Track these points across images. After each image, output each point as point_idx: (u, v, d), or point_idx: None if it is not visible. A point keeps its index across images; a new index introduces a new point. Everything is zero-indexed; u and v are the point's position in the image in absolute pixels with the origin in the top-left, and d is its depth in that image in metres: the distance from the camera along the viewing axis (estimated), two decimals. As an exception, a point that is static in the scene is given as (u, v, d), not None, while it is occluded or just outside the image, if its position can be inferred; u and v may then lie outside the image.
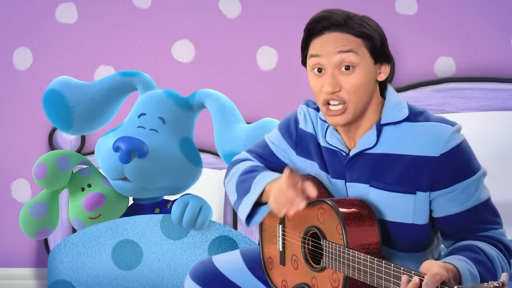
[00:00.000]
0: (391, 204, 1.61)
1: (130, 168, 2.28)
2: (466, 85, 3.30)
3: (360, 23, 1.61)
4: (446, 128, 1.58)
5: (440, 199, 1.59)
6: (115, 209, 2.41)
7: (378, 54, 1.62)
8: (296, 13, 3.44)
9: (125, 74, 2.51)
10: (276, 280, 1.84)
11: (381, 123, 1.64)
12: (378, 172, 1.63)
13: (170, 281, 2.33)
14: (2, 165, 3.49)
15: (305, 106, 1.82)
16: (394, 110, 1.64)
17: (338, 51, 1.59)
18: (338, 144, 1.69)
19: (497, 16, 3.38)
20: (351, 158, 1.66)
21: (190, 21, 3.49)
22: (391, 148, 1.62)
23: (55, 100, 2.45)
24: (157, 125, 2.40)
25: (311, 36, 1.64)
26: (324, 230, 1.64)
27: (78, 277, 2.34)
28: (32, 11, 3.50)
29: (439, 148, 1.56)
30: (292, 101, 3.47)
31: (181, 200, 2.33)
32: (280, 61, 3.46)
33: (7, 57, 3.50)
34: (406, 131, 1.61)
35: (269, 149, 1.88)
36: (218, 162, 3.41)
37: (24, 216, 2.44)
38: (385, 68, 1.65)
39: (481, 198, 1.60)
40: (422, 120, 1.61)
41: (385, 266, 1.44)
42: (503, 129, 3.11)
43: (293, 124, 1.83)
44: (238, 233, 2.35)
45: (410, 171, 1.58)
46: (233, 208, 3.43)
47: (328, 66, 1.61)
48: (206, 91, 2.49)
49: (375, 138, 1.63)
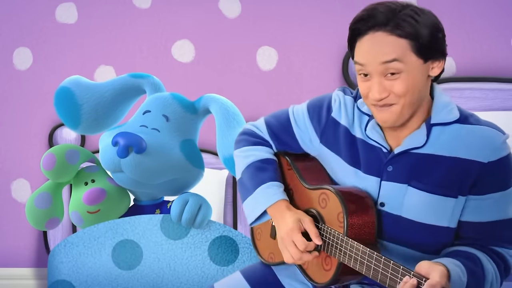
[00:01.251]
0: (430, 206, 1.57)
1: (127, 162, 2.29)
2: (466, 85, 3.30)
3: (405, 20, 1.51)
4: (498, 135, 1.55)
5: (471, 203, 1.57)
6: (115, 207, 2.41)
7: (427, 52, 1.53)
8: (296, 13, 3.44)
9: (135, 76, 2.52)
10: (263, 251, 1.85)
11: (431, 122, 1.58)
12: (420, 173, 1.57)
13: (170, 281, 2.33)
14: (2, 165, 3.49)
15: (341, 93, 1.73)
16: (444, 110, 1.58)
17: (382, 62, 1.52)
18: (379, 139, 1.62)
19: (497, 16, 3.38)
20: (394, 156, 1.60)
21: (190, 21, 3.49)
22: (439, 150, 1.57)
23: (65, 97, 2.48)
24: (160, 124, 2.41)
25: (356, 37, 1.56)
26: (324, 215, 1.64)
27: (78, 277, 2.34)
28: (32, 11, 3.50)
29: (488, 155, 1.53)
30: (292, 101, 3.47)
31: (181, 198, 2.33)
32: (280, 61, 3.46)
33: (7, 57, 3.50)
34: (456, 133, 1.56)
35: (290, 131, 1.79)
36: (218, 162, 3.41)
37: (29, 208, 2.45)
38: (439, 63, 1.57)
39: (508, 214, 1.58)
40: (474, 122, 1.57)
41: (384, 259, 1.45)
42: (503, 129, 3.11)
43: (325, 110, 1.73)
44: (238, 233, 2.35)
45: (455, 174, 1.55)
46: (233, 208, 3.44)
47: (374, 74, 1.54)
48: (212, 96, 2.48)
49: (425, 138, 1.57)
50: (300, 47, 3.44)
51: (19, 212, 3.47)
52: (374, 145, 1.63)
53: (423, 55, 1.53)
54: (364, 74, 1.56)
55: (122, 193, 2.44)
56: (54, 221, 2.48)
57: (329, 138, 1.71)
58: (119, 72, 3.48)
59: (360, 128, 1.67)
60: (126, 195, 2.46)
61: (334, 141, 1.71)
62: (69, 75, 3.47)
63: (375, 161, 1.63)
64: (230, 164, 2.38)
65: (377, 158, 1.63)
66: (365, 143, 1.65)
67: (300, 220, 1.65)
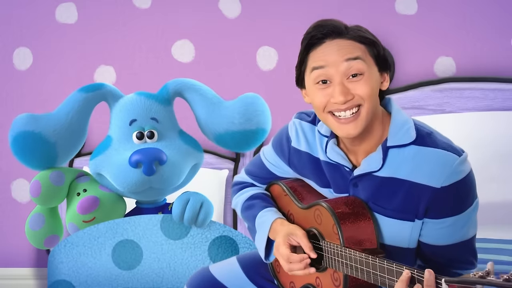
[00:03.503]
0: (389, 229, 1.59)
1: (158, 177, 2.31)
2: (466, 85, 3.30)
3: (360, 29, 1.55)
4: (453, 159, 1.51)
5: (428, 226, 1.57)
6: (110, 214, 2.40)
7: (381, 62, 1.56)
8: (296, 13, 3.44)
9: (89, 90, 2.43)
10: (284, 282, 1.85)
11: (388, 145, 1.56)
12: (379, 197, 1.58)
13: (170, 281, 2.33)
14: (2, 165, 3.49)
15: (297, 121, 1.75)
16: (400, 131, 1.56)
17: (345, 59, 1.51)
18: (340, 159, 1.63)
19: (497, 16, 3.38)
20: (355, 177, 1.61)
21: (190, 21, 3.49)
22: (395, 172, 1.56)
23: (33, 141, 2.33)
24: (154, 128, 2.41)
25: (310, 47, 1.55)
26: (322, 231, 1.65)
27: (78, 277, 2.34)
28: (32, 11, 3.50)
29: (441, 180, 1.51)
30: (292, 101, 3.47)
31: (182, 197, 2.33)
32: (280, 61, 3.46)
33: (7, 57, 3.50)
34: (411, 156, 1.54)
35: (266, 168, 1.88)
36: (218, 162, 3.42)
37: (26, 230, 2.47)
38: (386, 77, 1.58)
39: (467, 235, 1.58)
40: (430, 144, 1.54)
41: (379, 262, 1.45)
42: (503, 129, 3.11)
43: (285, 142, 1.78)
44: (238, 233, 2.35)
45: (410, 198, 1.55)
46: (233, 208, 3.44)
47: (335, 76, 1.52)
48: (177, 81, 2.49)
49: (381, 162, 1.56)
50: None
51: (19, 212, 3.47)
52: (337, 164, 1.65)
53: (378, 63, 1.55)
54: (323, 80, 1.54)
55: (116, 199, 2.44)
56: (52, 239, 2.48)
57: (297, 166, 1.77)
58: (119, 72, 3.48)
59: (322, 150, 1.68)
60: (120, 201, 2.46)
61: (302, 168, 1.75)
62: (69, 75, 3.49)
63: (341, 180, 1.65)
64: (223, 141, 2.44)
65: (342, 177, 1.65)
66: (328, 164, 1.67)
67: (292, 234, 1.67)
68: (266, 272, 1.90)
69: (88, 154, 3.39)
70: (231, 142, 2.45)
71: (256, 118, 2.43)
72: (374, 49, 1.54)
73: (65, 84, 3.44)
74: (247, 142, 2.46)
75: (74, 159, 3.39)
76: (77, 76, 3.47)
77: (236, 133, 2.42)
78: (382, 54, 1.55)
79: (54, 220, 2.49)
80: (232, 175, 3.42)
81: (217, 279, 1.87)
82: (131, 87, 2.78)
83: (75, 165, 3.38)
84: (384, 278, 1.44)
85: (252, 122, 2.42)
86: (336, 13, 3.39)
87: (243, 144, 2.47)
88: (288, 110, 3.57)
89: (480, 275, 1.22)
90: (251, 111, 2.42)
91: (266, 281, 1.89)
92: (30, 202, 3.41)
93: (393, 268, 1.42)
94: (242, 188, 1.95)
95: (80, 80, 3.33)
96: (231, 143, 2.45)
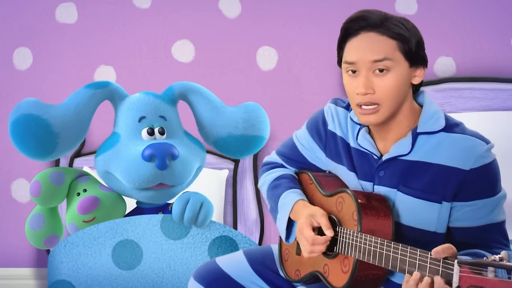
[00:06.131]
0: (417, 211, 1.63)
1: (169, 173, 2.32)
2: (466, 85, 3.30)
3: (397, 24, 1.61)
4: (481, 144, 1.60)
5: (458, 210, 1.62)
6: (110, 214, 2.40)
7: (413, 57, 1.62)
8: (296, 13, 3.44)
9: (97, 87, 2.43)
10: (290, 270, 1.88)
11: (418, 131, 1.64)
12: (407, 178, 1.64)
13: (170, 281, 2.33)
14: (2, 165, 3.49)
15: (333, 105, 1.82)
16: (431, 120, 1.64)
17: (372, 60, 1.59)
18: (369, 147, 1.70)
19: (497, 16, 3.38)
20: (383, 162, 1.67)
21: (190, 21, 3.49)
22: (424, 156, 1.63)
23: (36, 126, 2.29)
24: (162, 125, 2.43)
25: (347, 36, 1.64)
26: (340, 217, 1.68)
27: (78, 277, 2.34)
28: (32, 11, 3.50)
29: (470, 162, 1.58)
30: (292, 101, 3.47)
31: (182, 197, 2.33)
32: (280, 61, 3.46)
33: (7, 57, 3.50)
34: (441, 141, 1.62)
35: (298, 151, 1.91)
36: (218, 162, 3.42)
37: (26, 230, 2.48)
38: (420, 72, 1.65)
39: (497, 219, 1.63)
40: (458, 131, 1.63)
41: (394, 245, 1.48)
42: (503, 129, 3.12)
43: (321, 125, 1.83)
44: (238, 233, 2.35)
45: (438, 180, 1.60)
46: (233, 208, 3.44)
47: (362, 69, 1.61)
48: (182, 83, 2.53)
49: (410, 146, 1.64)
50: (300, 47, 3.44)
51: (19, 212, 3.47)
52: (365, 152, 1.72)
53: (409, 59, 1.61)
54: (352, 70, 1.63)
55: (116, 198, 2.44)
56: (52, 239, 2.48)
57: (332, 150, 1.81)
58: (119, 72, 3.48)
59: (353, 137, 1.75)
60: (120, 201, 2.46)
61: (336, 151, 1.80)
62: (69, 75, 3.49)
63: (368, 167, 1.71)
64: (224, 144, 2.48)
65: (369, 164, 1.71)
66: (358, 151, 1.74)
67: (313, 215, 1.71)
68: (271, 264, 1.93)
69: (88, 154, 3.39)
70: (232, 146, 2.49)
71: (259, 125, 2.51)
72: (406, 46, 1.60)
73: (65, 84, 3.44)
74: (248, 147, 2.52)
75: (74, 159, 3.39)
76: (77, 76, 3.47)
77: (239, 137, 2.48)
78: (414, 50, 1.61)
79: (54, 220, 2.49)
80: (232, 175, 3.43)
81: (223, 270, 1.90)
82: (131, 87, 2.77)
83: (75, 165, 3.38)
84: (396, 261, 1.47)
85: (255, 128, 2.50)
86: (337, 13, 3.39)
87: (244, 149, 2.52)
88: (288, 110, 3.58)
89: (493, 258, 1.27)
90: (255, 117, 2.50)
91: (271, 272, 1.92)
92: (30, 202, 3.41)
93: (407, 251, 1.44)
94: (272, 168, 1.98)
95: (80, 80, 3.33)
96: (232, 147, 2.49)
